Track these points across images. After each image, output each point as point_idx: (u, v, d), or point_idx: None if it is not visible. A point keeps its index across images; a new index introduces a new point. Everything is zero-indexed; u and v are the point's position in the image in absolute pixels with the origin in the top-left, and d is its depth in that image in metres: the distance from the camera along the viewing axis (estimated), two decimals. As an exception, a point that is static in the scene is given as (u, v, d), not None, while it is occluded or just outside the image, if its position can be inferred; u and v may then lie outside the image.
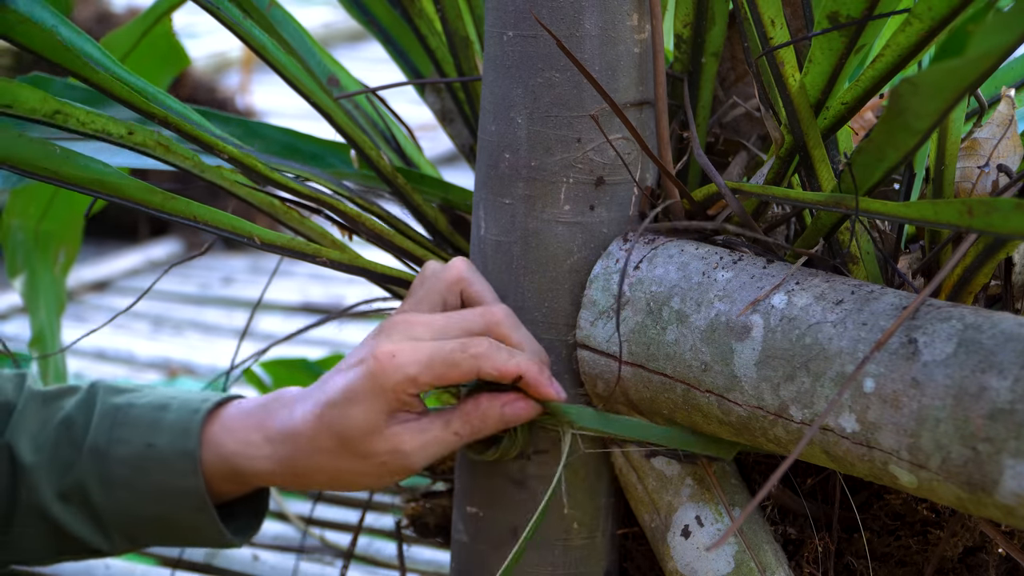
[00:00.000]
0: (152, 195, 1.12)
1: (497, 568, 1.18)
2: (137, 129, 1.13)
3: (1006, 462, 0.89)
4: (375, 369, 1.08)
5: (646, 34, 1.12)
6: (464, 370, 1.08)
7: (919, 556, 1.17)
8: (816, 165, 1.07)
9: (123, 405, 1.21)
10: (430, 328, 1.10)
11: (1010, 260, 1.13)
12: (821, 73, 1.03)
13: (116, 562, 1.74)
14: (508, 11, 1.11)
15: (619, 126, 1.11)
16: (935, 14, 0.93)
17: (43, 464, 1.19)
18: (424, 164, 1.36)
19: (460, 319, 1.10)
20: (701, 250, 1.09)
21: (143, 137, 1.13)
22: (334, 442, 1.11)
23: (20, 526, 1.21)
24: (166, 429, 1.18)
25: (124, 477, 1.18)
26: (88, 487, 1.19)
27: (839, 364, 0.98)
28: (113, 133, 1.12)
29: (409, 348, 1.08)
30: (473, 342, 1.08)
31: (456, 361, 1.07)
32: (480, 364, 1.08)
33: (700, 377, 1.05)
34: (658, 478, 1.14)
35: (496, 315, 1.10)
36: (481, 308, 1.11)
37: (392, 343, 1.08)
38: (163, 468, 1.17)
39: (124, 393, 1.22)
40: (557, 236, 1.13)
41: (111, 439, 1.19)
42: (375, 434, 1.09)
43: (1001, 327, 0.92)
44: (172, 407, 1.19)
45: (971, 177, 1.12)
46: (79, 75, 1.12)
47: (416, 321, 1.10)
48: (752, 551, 1.11)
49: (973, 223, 0.90)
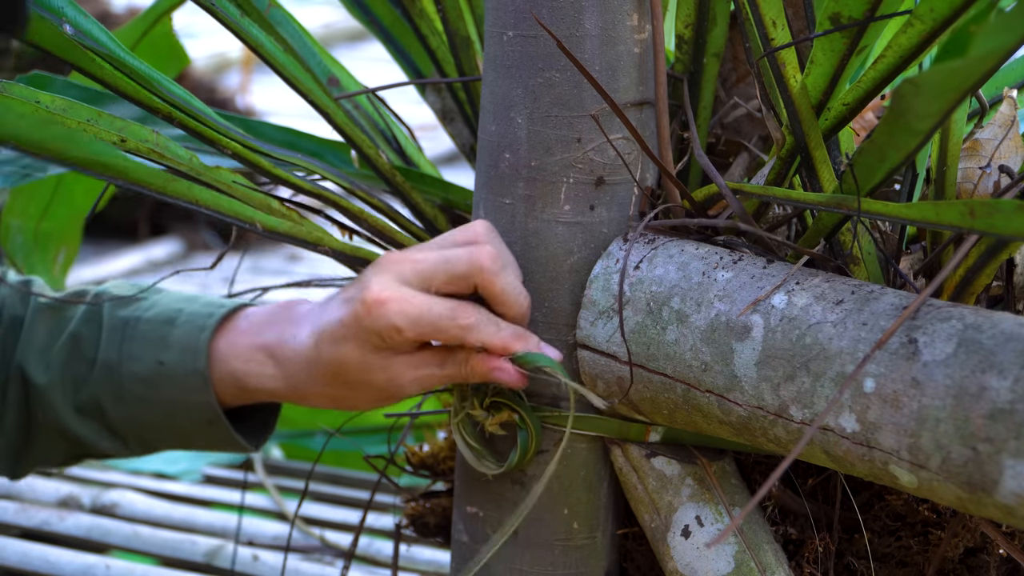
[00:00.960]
0: (154, 177, 1.12)
1: (497, 567, 1.18)
2: (129, 136, 1.13)
3: (1006, 462, 0.89)
4: (362, 313, 1.09)
5: (646, 34, 1.12)
6: (450, 337, 1.09)
7: (920, 557, 1.17)
8: (817, 166, 1.07)
9: (131, 319, 1.21)
10: (417, 269, 1.09)
11: (1012, 261, 1.13)
12: (823, 74, 1.03)
13: (116, 562, 1.74)
14: (508, 11, 1.11)
15: (619, 126, 1.11)
16: (937, 15, 0.93)
17: (56, 382, 1.21)
18: (424, 164, 1.36)
19: (444, 259, 1.10)
20: (701, 250, 1.09)
21: (135, 143, 1.13)
22: (330, 373, 1.13)
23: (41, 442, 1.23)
24: (175, 346, 1.19)
25: (137, 393, 1.20)
26: (103, 402, 1.20)
27: (839, 364, 0.98)
28: (106, 140, 1.12)
29: (399, 297, 1.08)
30: (463, 311, 1.09)
31: (443, 328, 1.08)
32: (466, 336, 1.09)
33: (700, 377, 1.05)
34: (658, 478, 1.14)
35: (481, 257, 1.10)
36: (469, 249, 1.10)
37: (382, 287, 1.08)
38: (174, 385, 1.19)
39: (129, 305, 1.22)
40: (557, 236, 1.13)
41: (122, 355, 1.20)
42: (369, 368, 1.11)
43: (1001, 327, 0.92)
44: (179, 321, 1.20)
45: (973, 178, 1.12)
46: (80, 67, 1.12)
47: (407, 259, 1.10)
48: (752, 551, 1.11)
49: (975, 224, 0.90)
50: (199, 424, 1.20)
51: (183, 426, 1.21)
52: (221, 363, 1.18)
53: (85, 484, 2.01)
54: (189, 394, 1.18)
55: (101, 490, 1.97)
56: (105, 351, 1.20)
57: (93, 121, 1.12)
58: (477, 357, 1.11)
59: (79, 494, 1.94)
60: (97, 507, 1.93)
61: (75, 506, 1.93)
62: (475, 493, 1.19)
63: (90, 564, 1.74)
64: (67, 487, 1.96)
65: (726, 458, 1.16)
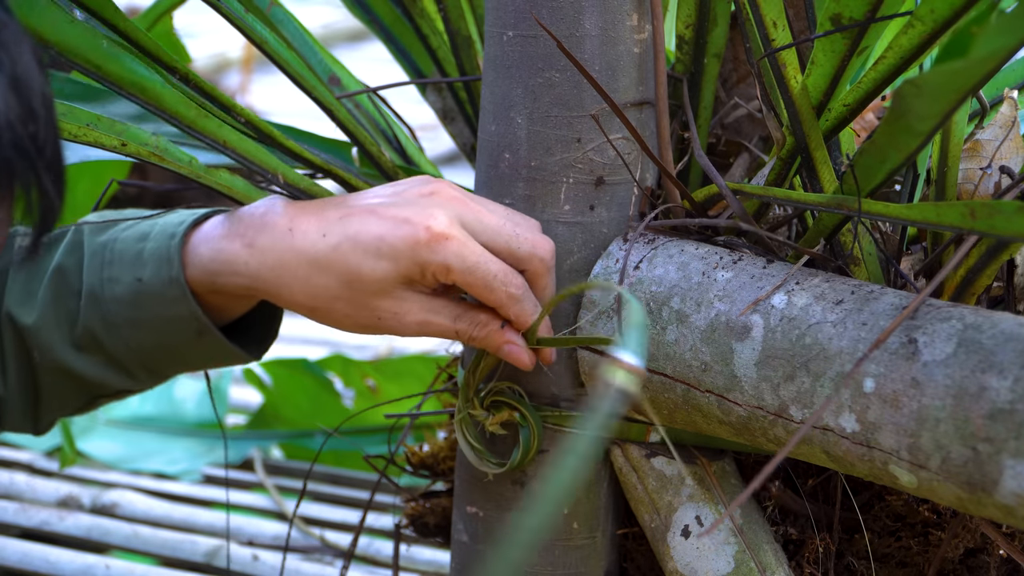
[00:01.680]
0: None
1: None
2: (129, 139, 1.12)
3: (1006, 462, 0.89)
4: (420, 239, 1.04)
5: (646, 34, 1.12)
6: (493, 299, 1.06)
7: (920, 557, 1.17)
8: (818, 166, 1.07)
9: (108, 242, 1.16)
10: (481, 222, 1.07)
11: (1012, 262, 1.13)
12: (823, 75, 1.03)
13: (116, 562, 1.74)
14: (508, 11, 1.11)
15: (619, 126, 1.11)
16: (937, 17, 0.93)
17: (48, 321, 1.16)
18: (425, 163, 1.36)
19: (513, 232, 1.08)
20: (701, 250, 1.09)
21: (136, 148, 1.12)
22: (335, 278, 1.07)
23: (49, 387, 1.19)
24: (149, 260, 1.13)
25: (125, 316, 1.15)
26: (97, 333, 1.15)
27: (839, 364, 0.98)
28: (107, 145, 1.12)
29: (461, 239, 1.05)
30: (516, 279, 1.07)
31: (492, 287, 1.06)
32: (509, 304, 1.07)
33: (700, 377, 1.05)
34: (658, 478, 1.14)
35: (545, 250, 1.09)
36: (534, 234, 1.09)
37: (449, 222, 1.05)
38: (155, 300, 1.13)
39: (109, 229, 1.17)
40: (557, 236, 1.13)
41: (103, 279, 1.15)
42: (385, 293, 1.06)
43: (1001, 327, 0.92)
44: (152, 235, 1.14)
45: (973, 178, 1.12)
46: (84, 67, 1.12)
47: (472, 205, 1.07)
48: (752, 551, 1.11)
49: (976, 225, 0.90)
50: (190, 338, 1.14)
51: (176, 344, 1.15)
52: (193, 257, 1.11)
53: (85, 484, 2.01)
54: (171, 307, 1.12)
55: (101, 490, 1.97)
56: (88, 279, 1.15)
57: (93, 125, 1.12)
58: (496, 326, 1.08)
59: (79, 494, 1.94)
60: (97, 507, 1.93)
61: (75, 506, 1.93)
62: (475, 493, 1.19)
63: (90, 564, 1.74)
64: (67, 487, 1.97)
65: (726, 458, 1.16)
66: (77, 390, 1.19)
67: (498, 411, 1.15)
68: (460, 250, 1.04)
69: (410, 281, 1.06)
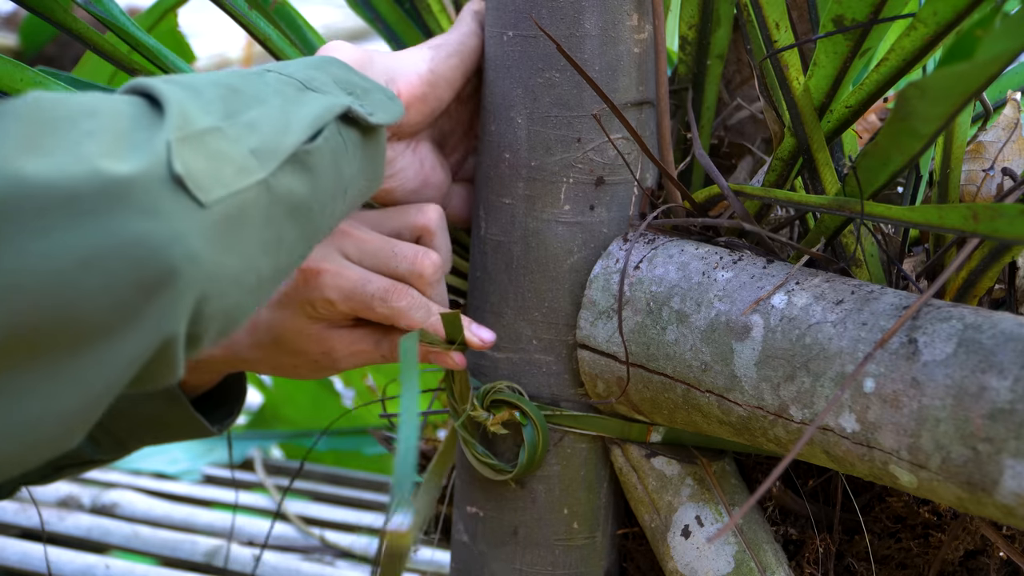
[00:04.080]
0: None
1: (497, 567, 1.18)
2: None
3: (1006, 462, 0.89)
4: (298, 281, 1.08)
5: (646, 34, 1.12)
6: (379, 316, 1.09)
7: (920, 559, 1.17)
8: (820, 168, 1.07)
9: None
10: (360, 248, 1.10)
11: (1014, 264, 1.13)
12: (825, 76, 1.03)
13: (116, 562, 1.74)
14: (508, 11, 1.11)
15: (619, 126, 1.11)
16: (940, 19, 0.93)
17: None
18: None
19: (391, 253, 1.10)
20: (701, 250, 1.09)
21: None
22: (268, 337, 1.12)
23: None
24: None
25: None
26: None
27: (839, 364, 0.98)
28: None
29: (334, 270, 1.08)
30: (396, 293, 1.09)
31: (374, 307, 1.09)
32: (396, 318, 1.09)
33: (700, 377, 1.05)
34: (658, 478, 1.14)
35: (423, 266, 1.11)
36: (414, 251, 1.11)
37: (320, 257, 1.08)
38: None
39: None
40: (557, 236, 1.13)
41: None
42: (304, 336, 1.10)
43: (1001, 327, 0.92)
44: None
45: (976, 180, 1.12)
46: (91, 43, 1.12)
47: (352, 235, 1.10)
48: (752, 551, 1.11)
49: (978, 228, 0.90)
50: (160, 406, 1.16)
51: (145, 412, 1.17)
52: None
53: (85, 484, 2.01)
54: None
55: (101, 490, 1.97)
56: None
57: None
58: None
59: (79, 494, 1.94)
60: (97, 507, 1.93)
61: (75, 506, 1.93)
62: (475, 493, 1.19)
63: (90, 564, 1.74)
64: (67, 487, 1.96)
65: (726, 458, 1.16)
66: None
67: (498, 411, 1.15)
68: (334, 280, 1.08)
69: (316, 319, 1.10)
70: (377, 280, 1.09)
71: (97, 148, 0.77)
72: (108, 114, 0.80)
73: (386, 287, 1.09)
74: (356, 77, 1.02)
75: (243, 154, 0.85)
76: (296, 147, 0.90)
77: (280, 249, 0.89)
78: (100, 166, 0.76)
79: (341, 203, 0.98)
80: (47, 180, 0.74)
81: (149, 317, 0.78)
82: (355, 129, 0.99)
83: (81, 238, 0.75)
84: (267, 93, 0.92)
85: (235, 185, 0.83)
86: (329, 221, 0.97)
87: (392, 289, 1.09)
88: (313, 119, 0.93)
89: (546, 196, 1.13)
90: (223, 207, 0.82)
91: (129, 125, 0.80)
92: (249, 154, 0.86)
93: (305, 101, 0.94)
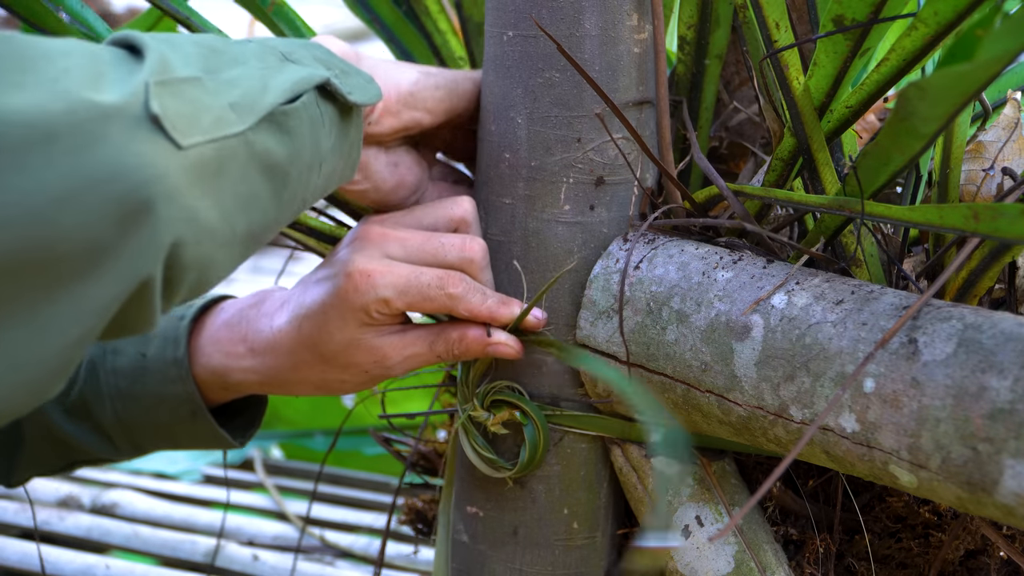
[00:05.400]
0: None
1: (497, 567, 1.18)
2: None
3: (1006, 462, 0.89)
4: (348, 287, 1.07)
5: (646, 34, 1.12)
6: (437, 306, 1.08)
7: (920, 559, 1.17)
8: (820, 168, 1.07)
9: None
10: (404, 247, 1.09)
11: (1015, 264, 1.13)
12: (825, 76, 1.03)
13: (116, 562, 1.74)
14: (508, 11, 1.11)
15: (619, 126, 1.11)
16: (940, 19, 0.93)
17: None
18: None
19: (438, 245, 1.10)
20: (701, 250, 1.09)
21: None
22: (314, 355, 1.11)
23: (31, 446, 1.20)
24: (155, 337, 1.16)
25: (123, 388, 1.16)
26: (89, 401, 1.17)
27: (839, 364, 0.98)
28: None
29: (384, 269, 1.08)
30: (451, 280, 1.08)
31: (431, 296, 1.08)
32: (454, 304, 1.09)
33: (700, 377, 1.05)
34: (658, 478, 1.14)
35: (474, 251, 1.11)
36: (460, 238, 1.11)
37: (367, 260, 1.08)
38: (156, 377, 1.15)
39: None
40: (557, 236, 1.13)
41: (105, 349, 1.17)
42: (354, 347, 1.09)
43: (1001, 327, 0.92)
44: None
45: (976, 180, 1.12)
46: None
47: (393, 236, 1.10)
48: (752, 551, 1.11)
49: (979, 228, 0.90)
50: (183, 418, 1.17)
51: (167, 421, 1.18)
52: (201, 355, 1.15)
53: (85, 484, 2.01)
54: (170, 385, 1.15)
55: (101, 490, 1.97)
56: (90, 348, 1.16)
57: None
58: (472, 335, 1.10)
59: (79, 494, 1.94)
60: (97, 507, 1.93)
61: (75, 506, 1.93)
62: (475, 493, 1.19)
63: (90, 564, 1.73)
64: (67, 487, 1.96)
65: (726, 458, 1.16)
66: (60, 453, 1.21)
67: (499, 411, 1.15)
68: (386, 279, 1.07)
69: (369, 325, 1.09)
70: (429, 271, 1.08)
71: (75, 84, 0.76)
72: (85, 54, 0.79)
73: (440, 275, 1.08)
74: (337, 60, 1.02)
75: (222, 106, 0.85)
76: (274, 107, 0.90)
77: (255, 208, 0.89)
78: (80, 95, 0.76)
79: (316, 176, 0.97)
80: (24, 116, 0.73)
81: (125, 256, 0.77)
82: (333, 105, 0.98)
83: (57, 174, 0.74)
84: (248, 56, 0.92)
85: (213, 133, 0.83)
86: (303, 193, 0.96)
87: (446, 276, 1.08)
88: (292, 84, 0.93)
89: (546, 196, 1.13)
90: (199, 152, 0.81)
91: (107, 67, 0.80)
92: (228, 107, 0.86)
93: (285, 69, 0.94)
